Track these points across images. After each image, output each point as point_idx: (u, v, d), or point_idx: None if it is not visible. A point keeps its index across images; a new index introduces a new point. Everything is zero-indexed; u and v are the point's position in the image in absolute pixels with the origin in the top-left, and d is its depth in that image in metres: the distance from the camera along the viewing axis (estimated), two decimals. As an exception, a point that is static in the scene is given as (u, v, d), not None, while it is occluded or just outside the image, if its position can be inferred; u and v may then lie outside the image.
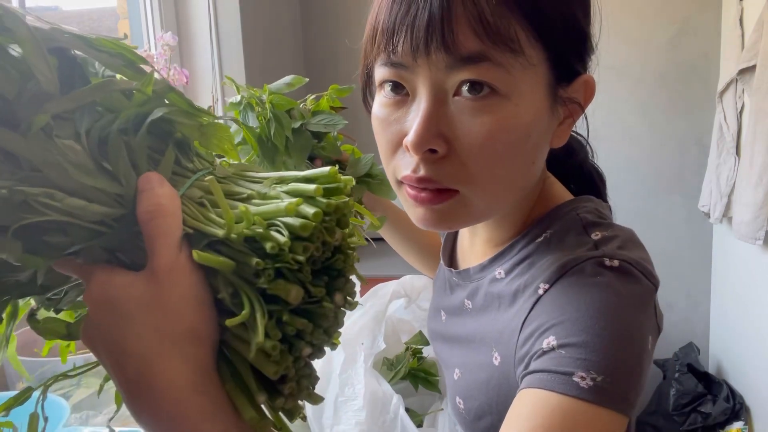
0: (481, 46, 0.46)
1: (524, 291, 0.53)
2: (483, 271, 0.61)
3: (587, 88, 0.54)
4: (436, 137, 0.48)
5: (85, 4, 1.87)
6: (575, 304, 0.47)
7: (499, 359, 0.54)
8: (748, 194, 1.77)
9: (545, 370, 0.46)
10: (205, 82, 1.87)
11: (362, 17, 0.53)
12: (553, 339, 0.47)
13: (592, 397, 0.44)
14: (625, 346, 0.46)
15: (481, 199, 0.52)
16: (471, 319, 0.62)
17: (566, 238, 0.54)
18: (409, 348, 0.87)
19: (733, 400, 2.04)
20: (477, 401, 0.57)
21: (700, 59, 2.24)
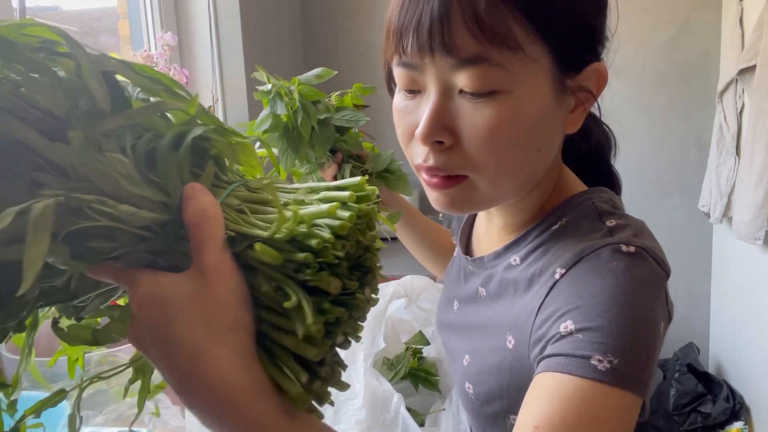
0: (479, 47, 0.48)
1: (540, 276, 0.55)
2: (497, 259, 0.62)
3: (599, 76, 0.55)
4: (442, 130, 0.52)
5: (85, 4, 1.87)
6: (592, 289, 0.49)
7: (513, 342, 0.56)
8: (748, 194, 1.77)
9: (563, 354, 0.47)
10: (205, 82, 1.87)
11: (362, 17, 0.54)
12: (571, 323, 0.48)
13: (609, 379, 0.45)
14: (639, 329, 0.48)
15: (488, 185, 0.54)
16: (485, 306, 0.63)
17: (581, 225, 0.56)
18: (410, 348, 0.87)
19: (733, 400, 2.04)
20: (487, 385, 0.59)
21: (700, 59, 2.24)
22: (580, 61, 0.54)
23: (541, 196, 0.61)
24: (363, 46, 2.43)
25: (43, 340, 0.90)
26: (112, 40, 1.94)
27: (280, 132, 0.79)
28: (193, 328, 0.36)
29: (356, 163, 0.84)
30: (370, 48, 2.42)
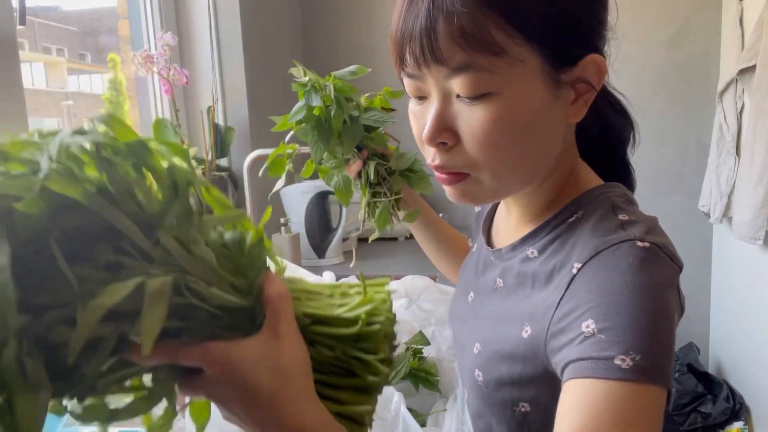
0: (466, 55, 0.52)
1: (560, 270, 0.57)
2: (514, 251, 0.65)
3: (596, 67, 0.56)
4: (444, 132, 0.56)
5: (85, 4, 1.86)
6: (610, 286, 0.51)
7: (530, 332, 0.57)
8: (748, 194, 1.78)
9: (588, 358, 0.49)
10: (205, 82, 1.87)
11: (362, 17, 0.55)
12: (592, 322, 0.50)
13: (633, 376, 0.48)
14: (658, 324, 0.50)
15: (491, 180, 0.58)
16: (501, 296, 0.65)
17: (595, 217, 0.58)
18: (410, 348, 0.87)
19: (733, 400, 2.04)
20: (497, 372, 0.61)
21: (700, 59, 2.24)
22: (572, 56, 0.55)
23: (555, 187, 0.63)
24: (363, 46, 2.43)
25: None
26: (112, 40, 1.94)
27: (312, 124, 0.82)
28: (270, 378, 0.44)
29: (380, 161, 0.87)
30: (370, 48, 2.43)
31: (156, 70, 1.63)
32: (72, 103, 5.22)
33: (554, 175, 0.63)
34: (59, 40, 2.03)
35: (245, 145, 1.89)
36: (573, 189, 0.63)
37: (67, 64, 3.79)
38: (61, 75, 3.54)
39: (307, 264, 1.81)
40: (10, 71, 1.15)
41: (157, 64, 1.62)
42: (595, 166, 0.67)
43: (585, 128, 0.65)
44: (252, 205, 1.53)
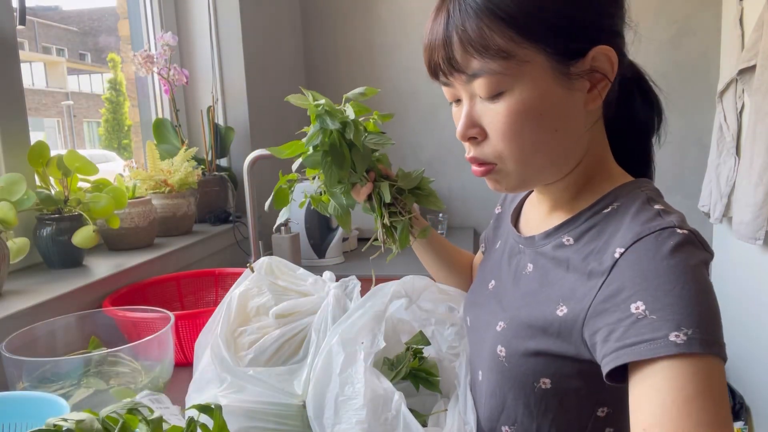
0: (477, 62, 0.61)
1: (598, 255, 0.61)
2: (548, 238, 0.69)
3: (606, 58, 0.61)
4: (473, 128, 0.65)
5: (85, 4, 1.87)
6: (655, 269, 0.55)
7: (565, 311, 0.62)
8: (748, 194, 1.77)
9: (644, 340, 0.53)
10: (205, 82, 1.87)
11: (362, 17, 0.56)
12: (642, 304, 0.54)
13: (689, 349, 0.51)
14: (704, 298, 0.54)
15: (516, 167, 0.65)
16: (531, 279, 0.69)
17: (631, 208, 0.62)
18: (410, 348, 0.86)
19: (733, 400, 2.04)
20: (524, 346, 0.65)
21: (700, 59, 2.24)
22: (577, 50, 0.60)
23: (585, 175, 0.68)
24: (363, 46, 2.43)
25: (43, 340, 0.90)
26: (112, 40, 1.94)
27: (325, 149, 0.83)
28: None
29: (390, 182, 0.88)
30: (369, 48, 2.43)
31: (156, 70, 1.63)
32: (72, 103, 5.22)
33: (583, 163, 0.68)
34: (59, 40, 2.04)
35: (245, 145, 1.89)
36: (605, 181, 0.68)
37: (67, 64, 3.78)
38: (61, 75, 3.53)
39: (307, 264, 1.81)
40: (10, 71, 1.15)
41: (157, 64, 1.62)
42: (617, 154, 0.71)
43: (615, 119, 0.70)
44: (252, 205, 1.53)
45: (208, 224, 1.73)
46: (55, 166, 1.16)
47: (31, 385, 0.78)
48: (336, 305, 0.85)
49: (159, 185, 1.52)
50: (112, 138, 6.39)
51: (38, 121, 5.50)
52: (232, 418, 0.74)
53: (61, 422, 0.47)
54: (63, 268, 1.19)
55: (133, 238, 1.37)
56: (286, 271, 0.96)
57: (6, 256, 1.01)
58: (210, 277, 1.34)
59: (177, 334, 1.05)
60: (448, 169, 2.43)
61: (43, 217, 1.16)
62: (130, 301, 1.16)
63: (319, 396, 0.74)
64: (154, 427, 0.50)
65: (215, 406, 0.59)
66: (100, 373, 0.84)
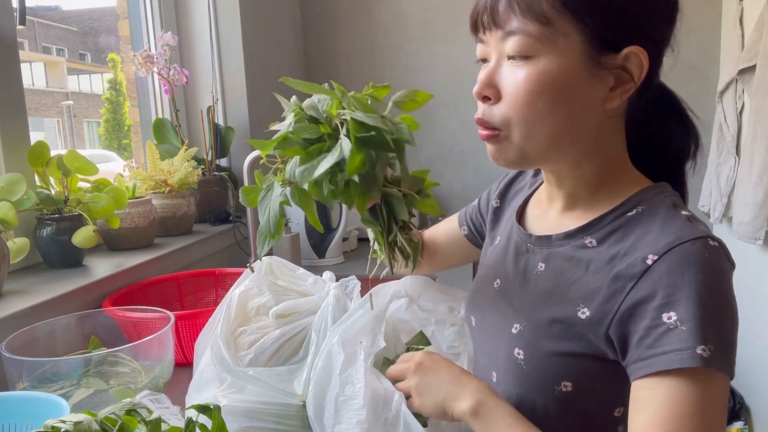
0: (518, 22, 0.61)
1: (624, 258, 0.61)
2: (568, 239, 0.69)
3: (638, 61, 0.62)
4: (490, 88, 0.65)
5: (85, 4, 1.87)
6: (689, 281, 0.56)
7: (588, 314, 0.62)
8: (748, 194, 1.77)
9: (675, 350, 0.55)
10: (205, 82, 1.87)
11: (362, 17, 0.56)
12: (674, 315, 0.55)
13: (711, 364, 0.54)
14: (729, 318, 0.57)
15: (519, 138, 0.64)
16: (544, 279, 0.69)
17: (658, 212, 0.63)
18: (411, 348, 0.86)
19: (733, 400, 2.04)
20: (545, 349, 0.65)
21: (700, 59, 2.24)
22: (614, 43, 0.61)
23: (597, 174, 0.68)
24: (363, 47, 2.43)
25: (43, 340, 0.90)
26: (112, 40, 1.95)
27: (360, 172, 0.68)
28: None
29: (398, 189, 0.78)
30: (370, 48, 2.43)
31: (156, 70, 1.63)
32: (72, 103, 5.22)
33: (596, 159, 0.68)
34: (59, 40, 2.04)
35: (245, 145, 1.89)
36: (623, 182, 0.68)
37: (67, 64, 3.78)
38: (61, 75, 3.54)
39: (307, 264, 1.81)
40: (10, 71, 1.15)
41: (157, 64, 1.62)
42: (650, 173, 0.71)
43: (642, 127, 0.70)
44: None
45: (208, 224, 1.73)
46: (55, 166, 1.16)
47: (31, 385, 0.79)
48: (336, 305, 0.85)
49: (159, 185, 1.52)
50: (112, 138, 6.39)
51: (38, 121, 5.49)
52: (232, 418, 0.74)
53: (60, 424, 0.47)
54: (63, 268, 1.19)
55: (133, 238, 1.37)
56: (286, 271, 0.96)
57: (6, 256, 1.01)
58: (210, 277, 1.34)
59: (177, 334, 1.05)
60: (448, 169, 2.43)
61: (43, 217, 1.16)
62: (130, 301, 1.16)
63: (320, 396, 0.74)
64: (153, 428, 0.50)
65: (214, 407, 0.59)
66: (100, 373, 0.84)
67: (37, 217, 1.17)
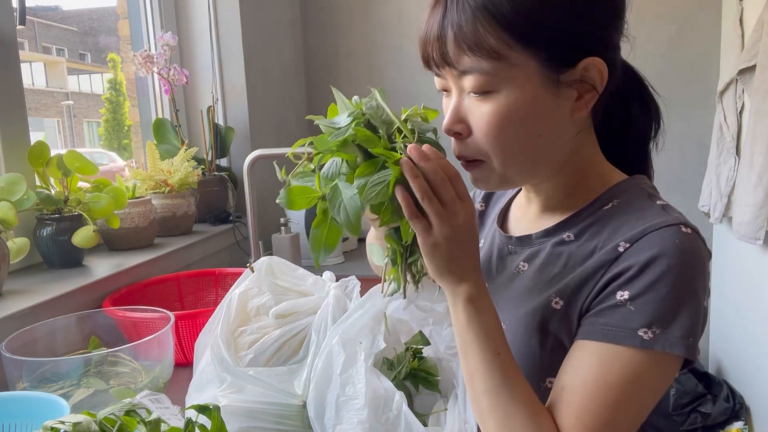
0: (469, 60, 0.61)
1: (600, 250, 0.63)
2: (547, 236, 0.70)
3: (596, 70, 0.62)
4: (458, 124, 0.65)
5: (85, 4, 1.87)
6: (653, 264, 0.57)
7: (562, 304, 0.63)
8: (748, 194, 1.77)
9: (614, 326, 0.57)
10: (205, 82, 1.87)
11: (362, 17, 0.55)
12: (627, 293, 0.57)
13: (651, 346, 0.55)
14: (687, 303, 0.57)
15: (499, 166, 0.65)
16: (524, 278, 0.70)
17: (633, 204, 0.64)
18: (410, 348, 0.86)
19: (733, 400, 2.04)
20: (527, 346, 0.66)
21: (700, 59, 2.24)
22: (568, 59, 0.61)
23: (574, 177, 0.69)
24: (363, 46, 2.43)
25: (43, 340, 0.90)
26: (112, 40, 1.95)
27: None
28: None
29: None
30: (370, 48, 2.42)
31: (156, 70, 1.63)
32: (72, 103, 5.21)
33: (571, 165, 0.68)
34: (59, 40, 2.04)
35: (245, 145, 1.89)
36: (598, 180, 0.69)
37: (67, 64, 3.79)
38: (61, 75, 3.54)
39: (307, 264, 1.81)
40: (10, 71, 1.15)
41: (157, 64, 1.62)
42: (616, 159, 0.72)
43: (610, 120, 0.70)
44: (252, 205, 1.53)
45: (208, 224, 1.73)
46: (55, 166, 1.16)
47: (31, 385, 0.79)
48: (336, 305, 0.85)
49: (159, 185, 1.52)
50: (112, 138, 6.39)
51: (38, 121, 5.49)
52: (232, 417, 0.74)
53: (59, 425, 0.47)
54: (63, 268, 1.19)
55: (133, 238, 1.37)
56: (286, 271, 0.96)
57: (6, 256, 1.01)
58: (210, 277, 1.34)
59: (177, 334, 1.05)
60: (448, 169, 2.43)
61: (43, 217, 1.16)
62: (130, 301, 1.16)
63: (320, 396, 0.74)
64: (152, 429, 0.50)
65: (213, 407, 0.59)
66: (100, 373, 0.84)
67: (37, 217, 1.17)
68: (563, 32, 0.60)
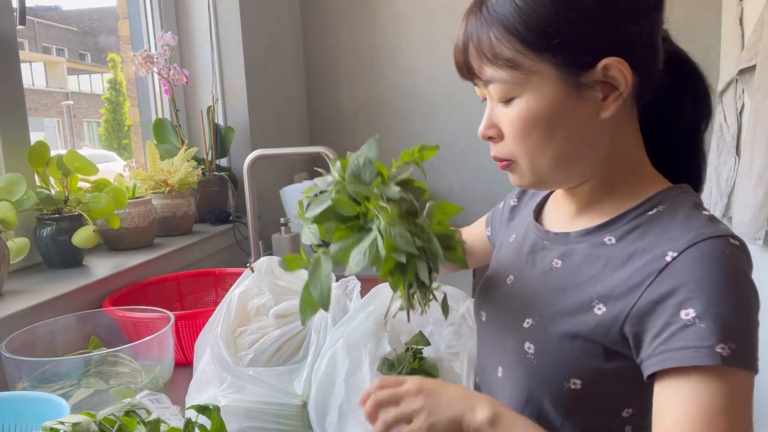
0: (489, 70, 0.65)
1: (642, 255, 0.62)
2: (587, 236, 0.70)
3: (616, 69, 0.62)
4: (491, 129, 0.69)
5: (85, 4, 1.87)
6: (710, 278, 0.56)
7: (604, 310, 0.63)
8: (748, 194, 1.77)
9: (691, 347, 0.55)
10: (205, 82, 1.87)
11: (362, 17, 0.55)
12: (692, 312, 0.55)
13: (731, 363, 0.53)
14: (750, 315, 0.57)
15: (528, 167, 0.68)
16: (559, 276, 0.70)
17: (679, 212, 0.64)
18: (410, 349, 0.87)
19: (733, 400, 2.04)
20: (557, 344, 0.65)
21: (700, 59, 2.24)
22: (585, 62, 0.62)
23: (613, 176, 0.69)
24: (363, 47, 2.43)
25: (43, 340, 0.90)
26: (112, 40, 1.94)
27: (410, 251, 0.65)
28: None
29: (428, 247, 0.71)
30: (370, 48, 2.42)
31: (156, 70, 1.63)
32: (72, 103, 5.23)
33: (610, 165, 0.69)
34: (59, 40, 2.04)
35: (245, 145, 1.89)
36: (641, 183, 0.69)
37: (67, 64, 3.80)
38: (61, 75, 3.55)
39: (307, 264, 1.81)
40: (10, 71, 1.15)
41: (157, 64, 1.62)
42: (666, 155, 0.72)
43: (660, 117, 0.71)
44: (252, 205, 1.53)
45: (208, 224, 1.73)
46: (55, 166, 1.16)
47: (31, 385, 0.79)
48: (336, 306, 0.85)
49: (159, 185, 1.52)
50: (112, 138, 6.39)
51: (38, 121, 5.49)
52: (232, 417, 0.74)
53: (58, 425, 0.47)
54: (63, 268, 1.19)
55: (133, 238, 1.37)
56: (286, 271, 0.96)
57: (6, 256, 1.01)
58: (210, 277, 1.34)
59: (177, 334, 1.05)
60: (448, 169, 2.43)
61: (43, 217, 1.16)
62: (130, 301, 1.16)
63: (322, 400, 0.74)
64: (152, 429, 0.50)
65: (213, 407, 0.59)
66: (100, 373, 0.84)
67: (37, 217, 1.17)
68: (573, 37, 0.61)
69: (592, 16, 0.61)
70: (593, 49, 0.62)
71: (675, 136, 0.73)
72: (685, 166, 0.74)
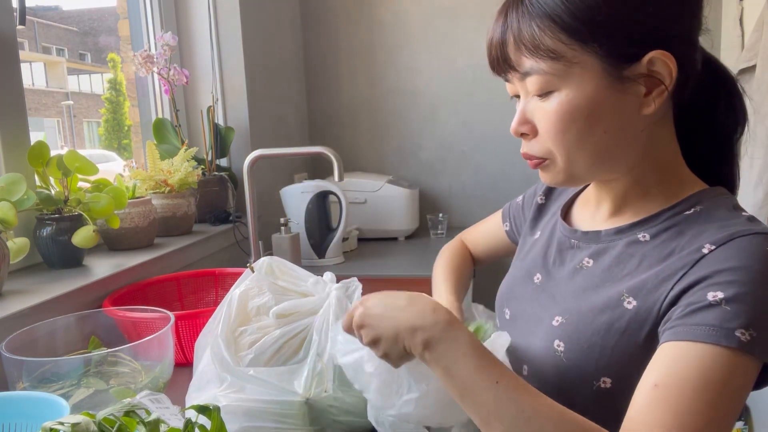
0: (529, 62, 0.63)
1: (680, 251, 0.62)
2: (620, 234, 0.69)
3: (662, 63, 0.61)
4: (524, 124, 0.67)
5: (85, 4, 1.87)
6: (744, 267, 0.56)
7: (635, 304, 0.62)
8: (748, 194, 1.77)
9: (710, 324, 0.54)
10: (205, 82, 1.87)
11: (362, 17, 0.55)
12: (720, 293, 0.55)
13: (749, 349, 0.53)
14: None
15: (564, 163, 0.66)
16: (589, 274, 0.70)
17: (717, 212, 0.63)
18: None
19: (733, 400, 2.04)
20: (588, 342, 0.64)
21: (700, 59, 2.24)
22: (630, 54, 0.61)
23: (649, 178, 0.68)
24: (363, 47, 2.43)
25: (43, 340, 0.90)
26: (112, 40, 1.94)
27: None
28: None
29: None
30: (370, 48, 2.42)
31: (156, 70, 1.63)
32: (72, 103, 5.24)
33: (646, 164, 0.68)
34: (59, 40, 2.05)
35: (245, 145, 1.89)
36: (677, 184, 0.68)
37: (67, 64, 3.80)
38: (61, 75, 3.55)
39: (307, 264, 1.81)
40: (10, 71, 1.15)
41: (157, 64, 1.62)
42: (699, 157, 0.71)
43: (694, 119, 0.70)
44: (252, 205, 1.53)
45: (208, 224, 1.73)
46: (55, 166, 1.16)
47: (31, 385, 0.79)
48: (337, 306, 0.85)
49: (159, 185, 1.52)
50: (112, 138, 6.39)
51: (38, 121, 5.49)
52: (232, 417, 0.74)
53: (58, 425, 0.47)
54: (63, 268, 1.19)
55: (133, 238, 1.37)
56: (286, 271, 0.96)
57: (6, 256, 1.01)
58: (210, 277, 1.34)
59: (177, 334, 1.05)
60: (448, 169, 2.43)
61: (43, 217, 1.16)
62: (130, 301, 1.16)
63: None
64: (152, 429, 0.50)
65: (213, 407, 0.59)
66: (100, 373, 0.84)
67: (37, 217, 1.17)
68: (620, 27, 0.60)
69: (639, 7, 0.60)
70: (639, 41, 0.60)
71: (709, 140, 0.72)
72: (720, 171, 0.72)
